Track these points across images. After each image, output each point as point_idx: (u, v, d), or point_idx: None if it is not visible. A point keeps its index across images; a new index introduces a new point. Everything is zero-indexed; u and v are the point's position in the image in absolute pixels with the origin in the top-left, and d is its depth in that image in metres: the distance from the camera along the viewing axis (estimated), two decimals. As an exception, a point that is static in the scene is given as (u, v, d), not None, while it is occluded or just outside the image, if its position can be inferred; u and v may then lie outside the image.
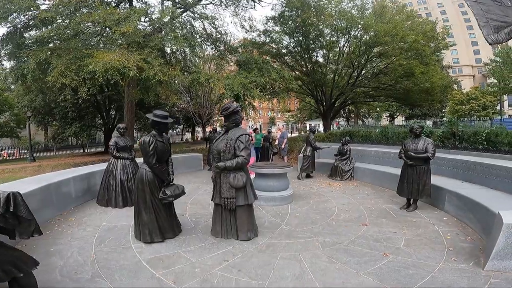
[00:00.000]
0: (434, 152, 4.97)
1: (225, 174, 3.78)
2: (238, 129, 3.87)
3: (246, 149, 3.68)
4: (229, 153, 3.70)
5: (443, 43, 15.22)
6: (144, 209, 3.83)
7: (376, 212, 5.25)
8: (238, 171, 3.75)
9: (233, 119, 3.85)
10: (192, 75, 11.31)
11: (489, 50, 59.01)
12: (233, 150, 3.69)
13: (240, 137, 3.71)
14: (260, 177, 5.87)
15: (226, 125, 3.93)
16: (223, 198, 3.81)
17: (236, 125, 3.90)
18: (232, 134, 3.80)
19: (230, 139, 3.74)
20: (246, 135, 3.76)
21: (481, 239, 3.88)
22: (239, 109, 3.88)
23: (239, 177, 3.72)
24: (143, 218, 3.84)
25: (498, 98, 28.48)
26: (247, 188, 3.89)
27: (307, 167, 8.56)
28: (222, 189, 3.79)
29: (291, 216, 5.11)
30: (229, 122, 3.87)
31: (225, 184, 3.77)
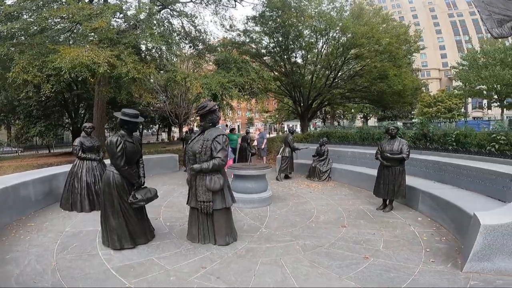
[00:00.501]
0: (408, 153, 5.08)
1: (201, 176, 3.60)
2: (215, 129, 3.70)
3: (223, 151, 3.53)
4: (205, 155, 3.53)
5: (415, 46, 15.87)
6: (112, 213, 3.57)
7: (354, 213, 5.29)
8: (215, 173, 3.59)
9: (209, 119, 3.67)
10: (168, 73, 10.96)
11: (456, 54, 62.75)
12: (210, 151, 3.53)
13: (217, 137, 3.55)
14: (238, 178, 5.74)
15: (202, 125, 3.75)
16: (199, 202, 3.63)
17: (213, 125, 3.72)
18: (208, 134, 3.62)
19: (206, 139, 3.57)
20: (223, 135, 3.60)
21: (455, 239, 3.98)
22: (216, 108, 3.71)
23: (216, 180, 3.56)
24: (111, 223, 3.58)
25: (464, 100, 30.19)
26: (225, 191, 3.73)
27: (286, 168, 8.53)
28: (198, 192, 3.62)
29: (271, 218, 5.02)
30: (205, 121, 3.69)
31: (201, 187, 3.59)
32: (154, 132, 39.08)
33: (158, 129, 36.57)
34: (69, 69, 7.92)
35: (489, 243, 2.72)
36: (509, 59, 21.19)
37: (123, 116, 3.57)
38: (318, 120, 41.09)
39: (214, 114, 3.67)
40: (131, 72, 8.91)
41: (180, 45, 13.36)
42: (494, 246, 2.71)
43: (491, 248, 2.72)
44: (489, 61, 22.60)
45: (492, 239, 2.71)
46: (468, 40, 59.68)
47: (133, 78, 9.52)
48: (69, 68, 7.85)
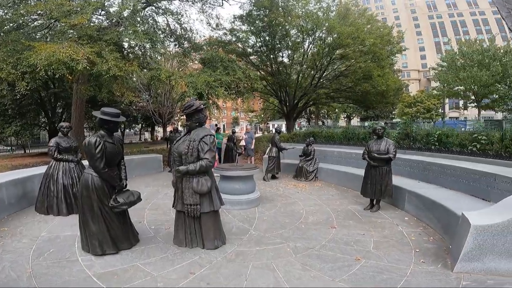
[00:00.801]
0: (395, 153, 5.12)
1: (187, 178, 3.45)
2: (202, 129, 3.55)
3: (211, 151, 3.39)
4: (191, 156, 3.39)
5: (398, 47, 16.23)
6: (91, 218, 3.38)
7: (343, 213, 5.29)
8: (202, 175, 3.45)
9: (196, 118, 3.53)
10: (152, 71, 10.66)
11: (434, 55, 64.97)
12: (197, 152, 3.39)
13: (204, 138, 3.40)
14: (226, 179, 5.62)
15: (188, 125, 3.60)
16: (185, 205, 3.49)
17: (199, 124, 3.57)
18: (195, 134, 3.48)
19: (193, 140, 3.42)
20: (211, 136, 3.46)
21: (442, 239, 4.03)
22: (203, 107, 3.56)
23: (204, 182, 3.42)
24: (90, 228, 3.39)
25: (442, 101, 31.23)
26: (213, 193, 3.60)
27: (273, 168, 8.48)
28: (185, 195, 3.47)
29: (260, 220, 4.94)
30: (191, 121, 3.55)
31: (187, 190, 3.44)
32: (136, 131, 38.17)
33: (141, 128, 35.72)
34: (45, 66, 7.58)
35: (479, 244, 2.75)
36: (486, 60, 22.08)
37: (103, 116, 3.37)
38: (303, 120, 41.43)
39: (201, 113, 3.53)
40: (112, 69, 8.62)
41: (165, 43, 13.09)
42: (484, 246, 2.74)
43: (481, 248, 2.75)
44: (467, 63, 23.47)
45: (482, 240, 2.73)
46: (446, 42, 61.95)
47: (114, 76, 9.22)
48: (44, 65, 7.51)
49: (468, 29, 65.75)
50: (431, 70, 33.41)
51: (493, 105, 25.06)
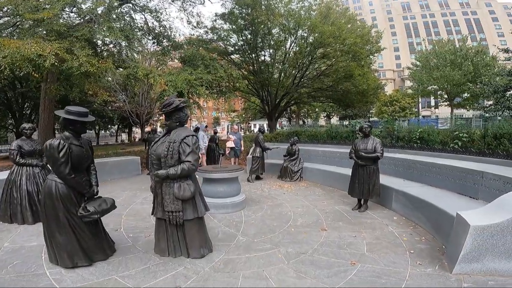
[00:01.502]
0: (382, 151, 5.07)
1: (167, 183, 3.15)
2: (183, 129, 3.26)
3: (194, 153, 3.10)
4: (172, 159, 3.08)
5: (376, 46, 16.54)
6: (57, 229, 3.02)
7: (331, 214, 5.17)
8: (185, 180, 3.15)
9: (176, 118, 3.22)
10: (128, 69, 10.15)
11: (408, 56, 67.38)
12: (177, 154, 3.08)
13: (186, 139, 3.10)
14: (209, 182, 5.35)
15: (167, 125, 3.28)
16: (167, 212, 3.19)
17: (180, 124, 3.27)
18: (175, 135, 3.17)
19: (173, 141, 3.11)
20: (193, 136, 3.17)
21: (434, 239, 3.99)
22: (184, 106, 3.27)
23: (186, 187, 3.12)
24: (57, 239, 3.03)
25: (416, 100, 32.34)
26: (196, 198, 3.32)
27: (257, 169, 8.27)
28: (165, 201, 3.16)
29: (247, 224, 4.72)
30: (171, 121, 3.24)
31: (168, 196, 3.14)
32: (113, 133, 36.76)
33: (118, 129, 34.43)
34: (9, 65, 7.00)
35: (479, 244, 2.68)
36: (459, 60, 23.02)
37: (67, 115, 3.00)
38: (284, 119, 41.58)
39: (181, 112, 3.23)
40: (84, 65, 8.14)
41: (142, 41, 12.61)
42: (483, 247, 2.67)
43: (481, 249, 2.68)
44: (440, 62, 24.38)
45: (482, 240, 2.67)
46: (419, 42, 64.36)
47: (86, 73, 8.73)
48: (8, 64, 6.93)
49: (439, 29, 68.78)
50: (406, 70, 34.49)
51: (465, 104, 26.21)
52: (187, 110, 3.33)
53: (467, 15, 70.63)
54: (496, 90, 15.73)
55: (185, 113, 3.26)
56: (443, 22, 71.29)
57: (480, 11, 69.68)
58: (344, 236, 4.14)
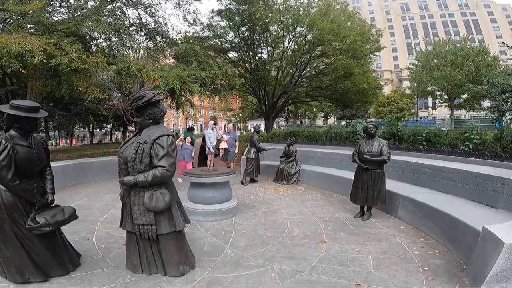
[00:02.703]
0: (389, 154, 4.59)
1: (136, 192, 2.64)
2: (157, 127, 2.73)
3: (169, 157, 2.57)
4: (141, 163, 2.56)
5: (376, 45, 16.09)
6: (2, 241, 2.56)
7: (332, 223, 4.68)
8: (158, 188, 2.63)
9: (149, 114, 2.70)
10: (119, 64, 9.63)
11: (406, 56, 67.21)
12: (148, 158, 2.56)
13: (159, 139, 2.58)
14: (197, 187, 4.84)
15: (139, 122, 2.77)
16: (136, 225, 2.68)
17: (154, 121, 2.75)
18: (147, 135, 2.65)
19: (144, 142, 2.59)
20: (169, 136, 2.65)
21: (449, 252, 3.53)
22: (159, 99, 2.77)
23: (159, 197, 2.60)
24: (3, 253, 2.58)
25: (415, 100, 32.02)
26: (173, 209, 2.81)
27: (251, 171, 7.77)
28: (134, 213, 2.66)
29: (237, 234, 4.22)
30: (143, 117, 2.71)
31: (137, 206, 2.63)
32: (108, 131, 36.12)
33: (112, 128, 33.81)
34: None
35: (511, 263, 2.23)
36: (459, 60, 22.65)
37: (12, 110, 2.52)
38: (281, 119, 41.16)
39: (155, 107, 2.72)
40: (74, 62, 7.77)
41: (134, 36, 12.16)
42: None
43: (513, 268, 2.22)
44: (440, 62, 24.00)
45: (516, 259, 2.20)
46: (417, 43, 64.19)
47: (75, 70, 8.27)
48: None
49: (437, 30, 68.71)
50: (406, 70, 34.16)
51: (465, 105, 25.86)
52: (162, 105, 2.80)
53: (465, 16, 70.62)
54: (504, 90, 15.25)
55: (160, 108, 2.73)
56: (442, 23, 71.23)
57: (479, 12, 69.67)
58: (347, 250, 3.65)
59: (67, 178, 7.47)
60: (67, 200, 6.01)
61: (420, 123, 17.18)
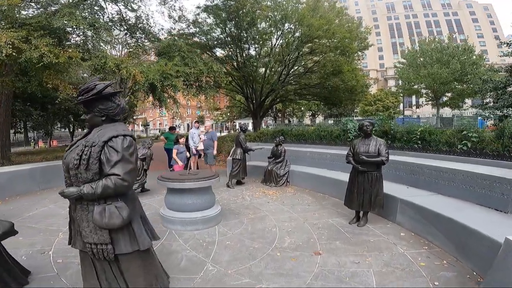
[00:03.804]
0: (388, 155, 4.19)
1: (84, 206, 2.06)
2: (111, 127, 2.11)
3: (125, 163, 1.97)
4: (87, 171, 1.96)
5: (365, 43, 15.87)
6: None
7: (325, 231, 4.25)
8: (113, 201, 2.05)
9: (101, 109, 2.11)
10: (95, 60, 8.96)
11: (391, 56, 68.03)
12: (97, 164, 1.95)
13: (112, 140, 1.99)
14: (174, 193, 4.31)
15: (87, 120, 2.16)
16: (88, 244, 2.11)
17: (108, 119, 2.16)
18: (96, 135, 2.06)
19: (91, 144, 1.99)
20: (126, 137, 2.04)
21: (458, 262, 3.18)
22: (115, 92, 2.17)
23: (114, 211, 2.01)
24: None
25: (401, 99, 32.23)
26: (135, 225, 2.22)
27: (238, 173, 7.27)
28: (83, 230, 2.08)
29: (220, 246, 3.73)
30: (93, 114, 2.12)
31: (86, 223, 2.06)
32: (90, 131, 34.86)
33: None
34: None
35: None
36: (445, 58, 22.78)
37: None
38: (269, 118, 40.79)
39: (109, 101, 2.13)
40: (46, 56, 7.29)
41: (113, 31, 11.50)
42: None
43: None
44: (426, 60, 24.11)
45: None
46: (402, 42, 65.04)
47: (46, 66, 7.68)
48: None
49: (421, 30, 69.92)
50: (392, 69, 34.37)
51: (450, 103, 26.11)
52: (120, 99, 2.20)
53: (448, 16, 72.15)
54: (496, 87, 15.22)
55: (116, 103, 2.14)
56: (425, 23, 72.54)
57: (461, 12, 71.26)
58: (345, 263, 3.23)
59: (34, 183, 6.83)
60: (30, 207, 5.41)
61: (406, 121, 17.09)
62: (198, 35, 14.88)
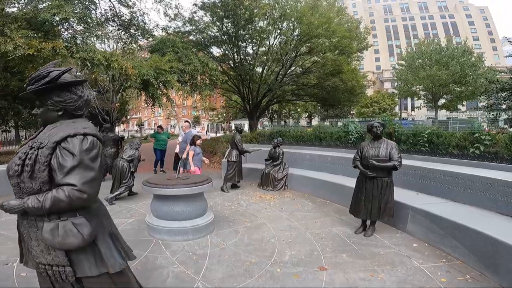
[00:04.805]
0: (401, 159, 3.79)
1: (32, 221, 1.58)
2: (69, 124, 1.62)
3: (84, 170, 1.49)
4: (32, 179, 1.50)
5: (364, 43, 15.56)
6: None
7: (330, 241, 3.83)
8: (69, 216, 1.56)
9: (56, 102, 1.62)
10: (82, 53, 8.49)
11: (387, 58, 68.08)
12: (46, 171, 1.49)
13: (67, 141, 1.51)
14: (161, 200, 3.86)
15: (39, 115, 1.69)
16: (41, 265, 1.64)
17: (66, 115, 1.67)
18: (47, 135, 1.59)
19: (38, 146, 1.52)
20: (86, 136, 1.55)
21: (483, 276, 2.83)
22: (75, 81, 1.67)
23: (70, 229, 1.53)
24: None
25: (400, 101, 32.06)
26: (101, 245, 1.72)
27: (233, 176, 6.83)
28: (33, 249, 1.63)
29: (213, 260, 3.30)
30: (45, 107, 1.65)
31: (36, 242, 1.60)
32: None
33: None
34: None
35: None
36: (444, 59, 22.59)
37: None
38: (265, 119, 40.45)
39: (68, 92, 1.64)
40: (20, 48, 6.91)
41: (105, 26, 11.10)
42: None
43: None
44: (425, 62, 23.92)
45: None
46: (398, 45, 65.10)
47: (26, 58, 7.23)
48: None
49: (417, 32, 70.07)
50: (391, 71, 34.20)
51: (449, 105, 25.93)
52: (83, 89, 1.69)
53: (444, 18, 72.49)
54: (503, 88, 14.90)
55: (78, 94, 1.66)
56: (422, 25, 72.82)
57: (458, 15, 71.63)
58: (355, 280, 2.84)
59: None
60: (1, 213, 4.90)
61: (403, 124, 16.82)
62: (194, 33, 14.51)
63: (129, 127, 52.67)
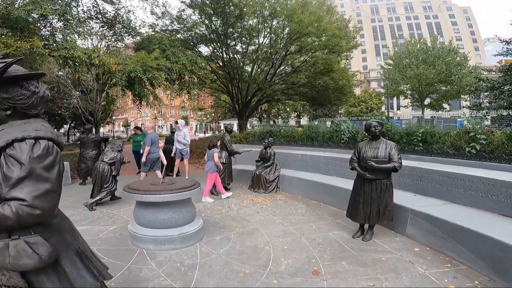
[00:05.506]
0: (401, 160, 3.62)
1: None
2: (19, 125, 1.34)
3: (36, 181, 1.21)
4: None
5: (353, 42, 15.53)
6: None
7: (327, 247, 3.62)
8: (22, 234, 1.29)
9: (2, 100, 1.33)
10: (62, 51, 8.04)
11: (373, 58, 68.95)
12: None
13: (12, 147, 1.22)
14: (145, 207, 3.56)
15: None
16: None
17: (17, 115, 1.38)
18: None
19: None
20: (38, 140, 1.27)
21: (493, 281, 2.71)
22: (24, 74, 1.37)
23: (23, 249, 1.26)
24: None
25: (387, 100, 32.40)
26: (66, 264, 1.43)
27: (223, 178, 6.56)
28: None
29: (203, 271, 3.03)
30: None
31: None
32: (65, 132, 33.04)
33: (69, 128, 30.94)
34: None
35: None
36: (431, 59, 22.90)
37: None
38: (254, 119, 40.21)
39: (19, 87, 1.36)
40: None
41: (87, 23, 10.66)
42: None
43: None
44: (412, 61, 24.21)
45: None
46: (385, 45, 66.03)
47: None
48: None
49: (403, 32, 71.36)
50: (380, 69, 34.50)
51: (435, 104, 26.33)
52: (38, 84, 1.41)
53: (429, 18, 74.11)
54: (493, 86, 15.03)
55: (30, 90, 1.37)
56: (407, 25, 74.29)
57: (441, 15, 73.30)
58: (357, 293, 2.62)
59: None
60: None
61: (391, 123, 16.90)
62: (182, 32, 14.15)
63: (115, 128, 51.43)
